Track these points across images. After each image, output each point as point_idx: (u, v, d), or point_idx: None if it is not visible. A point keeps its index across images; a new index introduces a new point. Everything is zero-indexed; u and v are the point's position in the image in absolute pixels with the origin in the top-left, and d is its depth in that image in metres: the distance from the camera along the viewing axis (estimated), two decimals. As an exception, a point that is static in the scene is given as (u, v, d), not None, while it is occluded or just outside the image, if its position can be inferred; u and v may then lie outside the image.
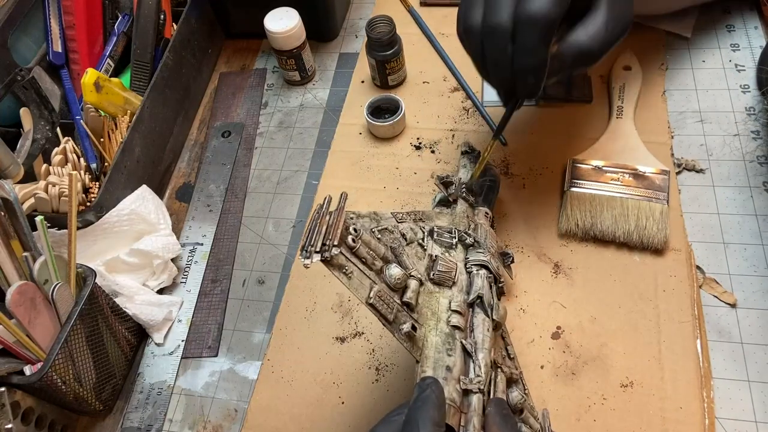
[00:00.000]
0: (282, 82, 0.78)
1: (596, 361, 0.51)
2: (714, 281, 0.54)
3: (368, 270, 0.40)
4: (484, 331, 0.43)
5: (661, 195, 0.57)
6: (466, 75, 0.72)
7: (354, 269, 0.39)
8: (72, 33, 0.72)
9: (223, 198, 0.69)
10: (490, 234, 0.53)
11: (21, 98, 0.66)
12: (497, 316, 0.45)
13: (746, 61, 0.67)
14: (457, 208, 0.54)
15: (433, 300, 0.44)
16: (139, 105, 0.65)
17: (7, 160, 0.60)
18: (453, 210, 0.54)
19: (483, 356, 0.41)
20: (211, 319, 0.60)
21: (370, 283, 0.40)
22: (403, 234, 0.46)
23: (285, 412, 0.53)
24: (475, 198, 0.57)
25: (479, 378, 0.39)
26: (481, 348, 0.42)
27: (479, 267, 0.48)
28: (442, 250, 0.48)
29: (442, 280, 0.45)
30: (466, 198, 0.55)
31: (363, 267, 0.40)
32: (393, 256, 0.43)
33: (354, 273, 0.39)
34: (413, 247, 0.46)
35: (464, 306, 0.44)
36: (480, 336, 0.43)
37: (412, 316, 0.41)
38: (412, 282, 0.42)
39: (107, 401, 0.55)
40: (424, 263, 0.46)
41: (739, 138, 0.62)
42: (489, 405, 0.39)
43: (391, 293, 0.40)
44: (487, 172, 0.59)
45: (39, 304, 0.48)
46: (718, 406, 0.48)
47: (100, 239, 0.59)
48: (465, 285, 0.46)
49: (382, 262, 0.41)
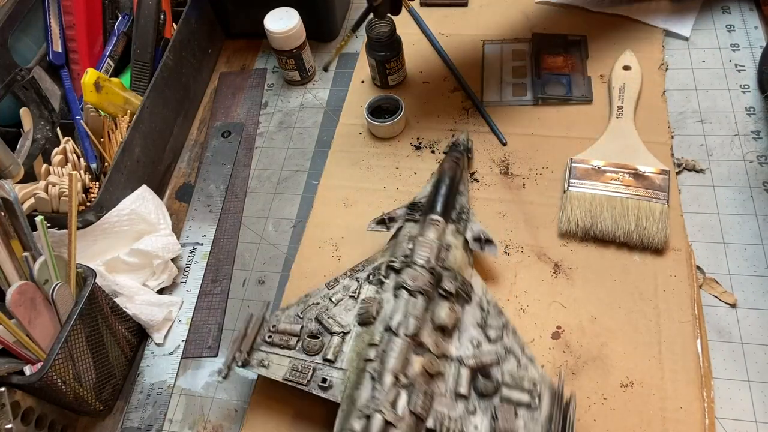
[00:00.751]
0: (282, 82, 0.78)
1: (596, 361, 0.51)
2: (714, 281, 0.54)
3: (286, 350, 0.51)
4: (390, 353, 0.46)
5: (661, 195, 0.57)
6: (466, 75, 0.72)
7: (272, 357, 0.51)
8: (72, 33, 0.72)
9: (223, 198, 0.69)
10: (423, 244, 0.52)
11: (21, 98, 0.66)
12: (411, 331, 0.47)
13: (746, 61, 0.67)
14: (400, 235, 0.55)
15: (360, 341, 0.50)
16: (139, 105, 0.65)
17: (7, 160, 0.60)
18: (395, 240, 0.55)
19: (386, 378, 0.45)
20: (211, 319, 0.60)
21: (289, 361, 0.50)
22: (330, 299, 0.53)
23: (285, 413, 0.53)
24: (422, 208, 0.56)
25: (376, 400, 0.44)
26: (384, 371, 0.45)
27: (399, 289, 0.50)
28: (376, 288, 0.53)
29: (364, 321, 0.51)
30: (412, 218, 0.56)
31: (281, 351, 0.51)
32: (317, 324, 0.52)
33: (272, 360, 0.50)
34: (342, 303, 0.53)
35: (381, 334, 0.48)
36: (389, 358, 0.46)
37: (334, 366, 0.49)
38: (334, 339, 0.50)
39: (107, 401, 0.55)
40: (354, 312, 0.52)
41: (739, 138, 0.62)
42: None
43: (311, 358, 0.50)
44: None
45: (39, 304, 0.48)
46: (718, 406, 0.48)
47: (100, 239, 0.59)
48: (389, 313, 0.50)
49: (297, 337, 0.51)
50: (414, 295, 0.49)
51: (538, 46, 0.72)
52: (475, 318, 0.51)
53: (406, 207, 0.57)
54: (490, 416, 0.46)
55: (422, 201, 0.57)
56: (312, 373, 0.49)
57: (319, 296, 0.54)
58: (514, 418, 0.46)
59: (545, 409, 0.46)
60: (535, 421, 0.46)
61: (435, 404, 0.45)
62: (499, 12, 0.78)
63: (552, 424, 0.45)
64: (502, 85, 0.71)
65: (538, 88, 0.69)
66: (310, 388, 0.49)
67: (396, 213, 0.57)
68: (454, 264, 0.52)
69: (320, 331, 0.52)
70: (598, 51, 0.71)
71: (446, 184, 0.57)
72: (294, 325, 0.52)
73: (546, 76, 0.70)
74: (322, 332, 0.52)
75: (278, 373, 0.50)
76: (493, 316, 0.51)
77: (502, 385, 0.47)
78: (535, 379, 0.48)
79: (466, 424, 0.45)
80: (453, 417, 0.45)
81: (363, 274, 0.55)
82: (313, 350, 0.50)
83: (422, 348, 0.47)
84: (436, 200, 0.55)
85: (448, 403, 0.46)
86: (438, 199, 0.55)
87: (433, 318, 0.49)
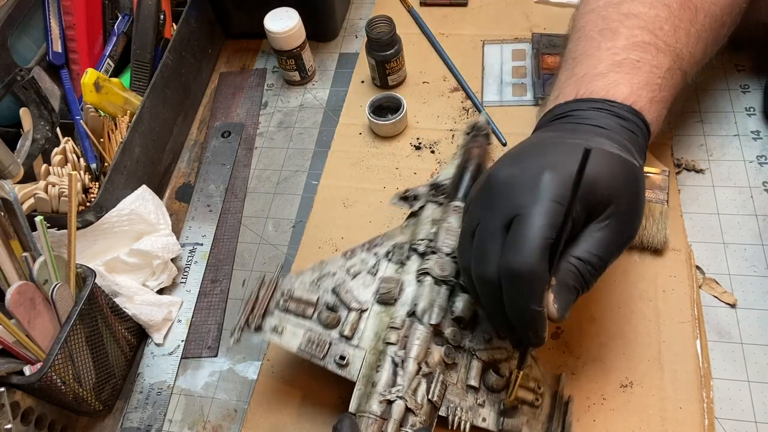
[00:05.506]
0: (282, 82, 0.78)
1: (596, 362, 0.51)
2: (714, 281, 0.54)
3: (301, 319, 0.49)
4: (414, 339, 0.46)
5: (661, 195, 0.57)
6: (466, 75, 0.72)
7: (286, 325, 0.49)
8: (72, 33, 0.72)
9: (222, 198, 0.69)
10: (449, 231, 0.51)
11: (21, 98, 0.66)
12: (435, 320, 0.47)
13: (746, 61, 0.67)
14: (422, 215, 0.55)
15: (378, 321, 0.49)
16: (139, 105, 0.65)
17: (7, 160, 0.60)
18: (417, 219, 0.55)
19: (410, 365, 0.45)
20: (211, 319, 0.60)
21: (304, 331, 0.48)
22: (348, 271, 0.52)
23: (285, 413, 0.53)
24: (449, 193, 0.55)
25: (399, 387, 0.44)
26: (408, 357, 0.45)
27: (424, 275, 0.49)
28: (396, 267, 0.52)
29: (384, 301, 0.50)
30: (436, 200, 0.55)
31: (296, 319, 0.49)
32: (334, 296, 0.50)
33: (287, 328, 0.48)
34: (360, 278, 0.52)
35: (403, 319, 0.48)
36: (413, 345, 0.46)
37: (351, 344, 0.48)
38: (351, 315, 0.49)
39: (107, 401, 0.55)
40: (372, 288, 0.51)
41: (739, 138, 0.62)
42: None
43: (326, 331, 0.48)
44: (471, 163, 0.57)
45: (39, 304, 0.48)
46: (717, 406, 0.48)
47: (100, 239, 0.59)
48: (412, 297, 0.49)
49: (314, 307, 0.49)
50: (440, 284, 0.49)
51: (538, 46, 0.72)
52: None
53: (429, 186, 0.56)
54: (497, 410, 0.47)
55: (445, 183, 0.56)
56: (328, 348, 0.47)
57: (336, 265, 0.52)
58: (519, 415, 0.46)
59: (546, 408, 0.47)
60: (536, 419, 0.47)
61: (447, 393, 0.46)
62: (499, 12, 0.78)
63: (552, 423, 0.46)
64: (502, 86, 0.71)
65: (538, 88, 0.69)
66: (326, 363, 0.47)
67: (419, 191, 0.56)
68: None
69: (337, 304, 0.50)
70: (598, 51, 0.71)
71: (471, 170, 0.56)
72: (310, 294, 0.50)
73: (546, 76, 0.70)
74: (339, 306, 0.50)
75: (293, 343, 0.48)
76: None
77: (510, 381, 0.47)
78: (538, 378, 0.48)
79: (475, 415, 0.46)
80: (464, 407, 0.46)
81: (382, 250, 0.53)
82: (331, 324, 0.48)
83: (441, 338, 0.47)
84: (461, 186, 0.55)
85: (459, 393, 0.47)
86: (462, 184, 0.55)
87: (452, 309, 0.48)
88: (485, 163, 0.57)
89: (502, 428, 0.46)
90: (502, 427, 0.46)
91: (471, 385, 0.47)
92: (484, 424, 0.46)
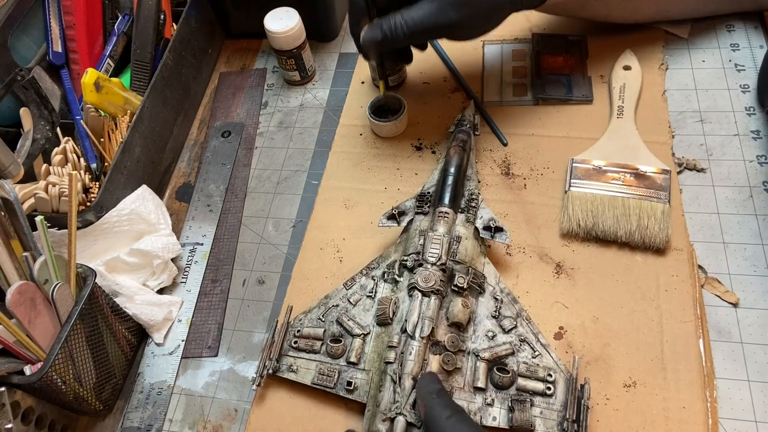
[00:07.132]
0: (282, 82, 0.78)
1: (599, 362, 0.51)
2: (716, 280, 0.54)
3: (312, 354, 0.52)
4: (408, 356, 0.47)
5: (663, 194, 0.57)
6: (467, 75, 0.72)
7: (299, 362, 0.52)
8: (72, 33, 0.72)
9: (223, 198, 0.68)
10: (431, 239, 0.52)
11: (21, 98, 0.66)
12: (426, 332, 0.47)
13: (746, 61, 0.67)
14: (411, 228, 0.55)
15: (380, 342, 0.51)
16: (139, 105, 0.65)
17: (7, 160, 0.59)
18: (407, 234, 0.55)
19: (405, 381, 0.46)
20: (211, 319, 0.60)
21: (315, 365, 0.52)
22: (349, 300, 0.54)
23: (287, 414, 0.53)
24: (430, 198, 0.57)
25: (397, 404, 0.45)
26: (403, 374, 0.46)
27: (413, 290, 0.50)
28: (391, 286, 0.53)
29: (381, 322, 0.51)
30: (421, 210, 0.56)
31: (307, 355, 0.52)
32: (338, 326, 0.53)
33: (300, 365, 0.52)
34: (360, 304, 0.54)
35: (399, 336, 0.49)
36: (407, 362, 0.47)
37: (358, 368, 0.51)
38: (356, 341, 0.51)
39: (107, 401, 0.55)
40: (372, 311, 0.53)
41: (739, 138, 0.62)
42: (419, 382, 0.45)
43: (335, 361, 0.51)
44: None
45: (39, 304, 0.48)
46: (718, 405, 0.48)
47: (100, 239, 0.59)
48: (405, 313, 0.50)
49: (321, 341, 0.53)
50: (427, 296, 0.49)
51: (538, 46, 0.72)
52: (488, 309, 0.52)
53: (415, 198, 0.57)
54: (507, 407, 0.47)
55: (430, 191, 0.57)
56: (338, 377, 0.51)
57: (338, 297, 0.55)
58: (530, 408, 0.47)
59: (560, 395, 0.47)
60: (550, 408, 0.47)
61: (454, 397, 0.46)
62: (500, 12, 0.78)
63: (567, 410, 0.46)
64: (502, 86, 0.71)
65: (538, 88, 0.69)
66: (337, 391, 0.50)
67: (405, 206, 0.57)
68: (465, 256, 0.52)
69: (342, 333, 0.53)
70: (598, 51, 0.71)
71: (452, 173, 0.57)
72: (317, 329, 0.53)
73: (546, 76, 0.70)
74: (343, 335, 0.52)
75: (307, 378, 0.51)
76: (506, 305, 0.52)
77: (517, 375, 0.48)
78: (550, 367, 0.48)
79: (484, 415, 0.47)
80: (472, 410, 0.47)
81: (378, 272, 0.55)
82: (337, 354, 0.52)
83: (438, 347, 0.48)
84: (444, 191, 0.55)
85: (467, 395, 0.47)
86: (445, 189, 0.55)
87: (447, 315, 0.49)
88: (465, 161, 0.58)
89: (512, 424, 0.46)
90: (513, 423, 0.46)
91: (478, 387, 0.47)
92: (494, 423, 0.46)
